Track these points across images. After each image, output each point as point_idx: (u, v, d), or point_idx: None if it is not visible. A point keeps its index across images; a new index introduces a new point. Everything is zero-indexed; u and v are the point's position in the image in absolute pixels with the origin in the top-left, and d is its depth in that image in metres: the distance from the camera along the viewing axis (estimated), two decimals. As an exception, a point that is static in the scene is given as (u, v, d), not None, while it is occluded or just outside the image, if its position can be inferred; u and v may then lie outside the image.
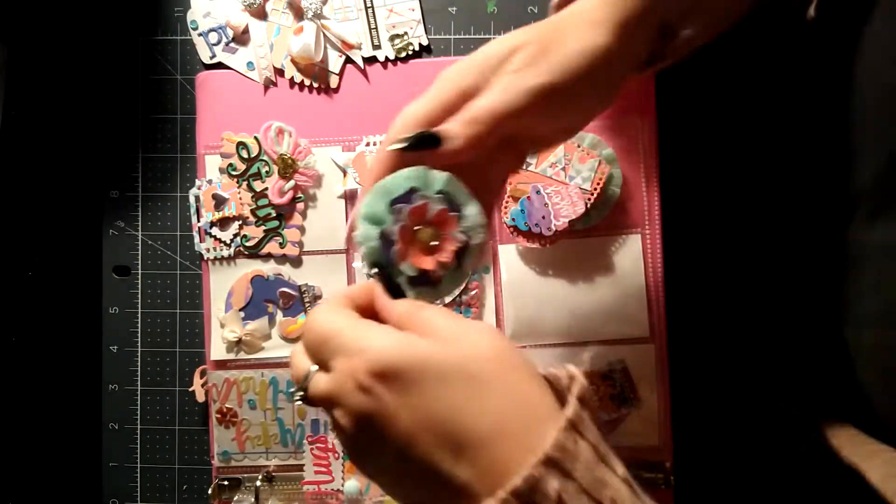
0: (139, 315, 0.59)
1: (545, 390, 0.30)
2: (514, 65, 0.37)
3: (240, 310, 0.56)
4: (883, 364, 0.41)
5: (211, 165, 0.57)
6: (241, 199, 0.56)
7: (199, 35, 0.57)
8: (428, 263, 0.37)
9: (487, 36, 0.57)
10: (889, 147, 0.40)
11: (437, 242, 0.37)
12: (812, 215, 0.49)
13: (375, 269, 0.37)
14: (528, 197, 0.53)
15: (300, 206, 0.56)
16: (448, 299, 0.55)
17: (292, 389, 0.34)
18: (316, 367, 0.33)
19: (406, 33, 0.56)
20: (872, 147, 0.42)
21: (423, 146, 0.37)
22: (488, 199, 0.40)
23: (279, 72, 0.57)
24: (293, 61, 0.56)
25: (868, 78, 0.42)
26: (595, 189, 0.53)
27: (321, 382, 0.32)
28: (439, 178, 0.37)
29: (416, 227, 0.37)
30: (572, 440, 0.28)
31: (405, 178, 0.37)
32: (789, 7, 0.45)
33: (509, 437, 0.28)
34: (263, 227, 0.56)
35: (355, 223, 0.38)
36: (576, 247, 0.54)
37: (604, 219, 0.54)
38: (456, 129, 0.36)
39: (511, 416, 0.29)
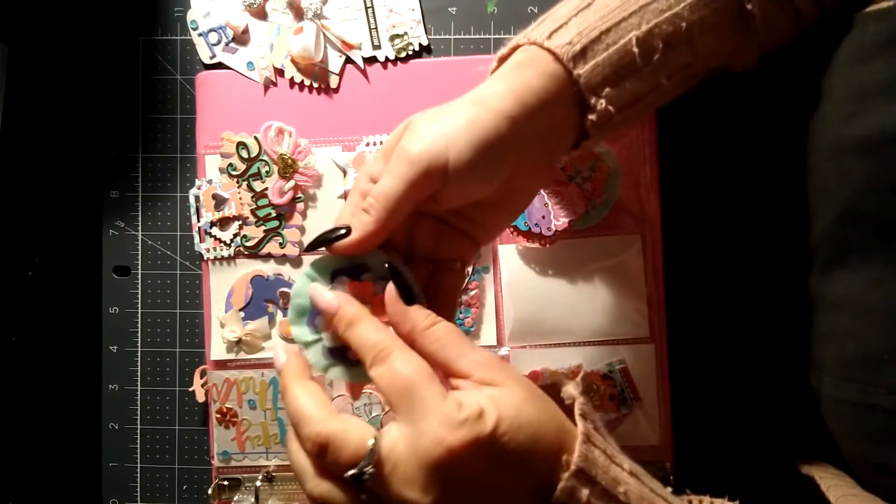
0: (139, 315, 0.59)
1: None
2: (402, 139, 0.37)
3: (240, 310, 0.56)
4: (838, 413, 0.41)
5: (211, 165, 0.57)
6: (241, 199, 0.56)
7: (199, 35, 0.57)
8: None
9: (487, 36, 0.57)
10: (836, 204, 0.40)
11: None
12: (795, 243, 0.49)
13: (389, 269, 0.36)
14: (528, 197, 0.53)
15: (300, 206, 0.56)
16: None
17: (353, 472, 0.31)
18: (373, 439, 0.31)
19: (406, 33, 0.56)
20: (822, 202, 0.42)
21: (324, 244, 0.37)
22: (445, 298, 0.40)
23: (279, 72, 0.57)
24: (293, 61, 0.56)
25: (819, 133, 0.42)
26: (595, 189, 0.53)
27: (399, 441, 0.31)
28: (385, 258, 0.36)
29: None
30: (590, 450, 0.32)
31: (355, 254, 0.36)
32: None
33: (555, 454, 0.32)
34: (263, 227, 0.56)
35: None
36: (576, 247, 0.54)
37: (604, 219, 0.54)
38: (354, 221, 0.36)
39: (555, 436, 0.33)
